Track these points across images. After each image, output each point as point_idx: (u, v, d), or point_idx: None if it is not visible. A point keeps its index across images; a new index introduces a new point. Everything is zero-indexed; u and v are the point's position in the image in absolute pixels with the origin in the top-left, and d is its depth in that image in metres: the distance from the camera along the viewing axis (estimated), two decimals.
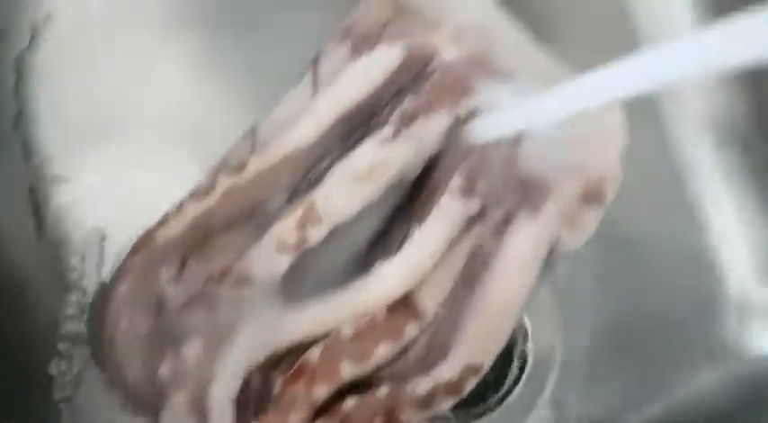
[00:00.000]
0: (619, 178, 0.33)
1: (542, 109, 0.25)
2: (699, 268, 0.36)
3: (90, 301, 0.29)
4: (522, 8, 0.33)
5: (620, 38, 0.39)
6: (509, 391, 0.34)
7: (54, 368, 0.29)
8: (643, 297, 0.36)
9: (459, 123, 0.30)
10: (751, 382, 0.34)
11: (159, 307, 0.27)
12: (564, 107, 0.25)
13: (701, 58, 0.18)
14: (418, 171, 0.31)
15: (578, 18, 0.38)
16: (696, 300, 0.36)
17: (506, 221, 0.31)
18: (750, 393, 0.34)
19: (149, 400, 0.27)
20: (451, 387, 0.30)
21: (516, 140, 0.31)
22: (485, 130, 0.29)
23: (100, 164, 0.32)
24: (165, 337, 0.27)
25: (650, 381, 0.35)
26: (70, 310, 0.29)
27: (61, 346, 0.29)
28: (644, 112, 0.38)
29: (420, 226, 0.29)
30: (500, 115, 0.28)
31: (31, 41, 0.30)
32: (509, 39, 0.32)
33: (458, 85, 0.30)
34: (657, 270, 0.37)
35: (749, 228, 0.36)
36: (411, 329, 0.30)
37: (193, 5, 0.33)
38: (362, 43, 0.30)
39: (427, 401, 0.30)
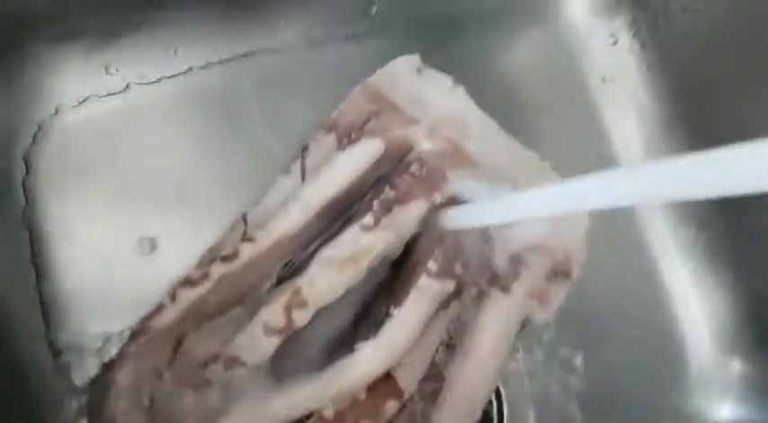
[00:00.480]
0: (583, 257, 0.36)
1: (511, 210, 0.27)
2: (662, 341, 0.38)
3: (93, 376, 0.30)
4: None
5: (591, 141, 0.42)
6: None
7: None
8: (609, 370, 0.38)
9: (434, 209, 0.32)
10: None
11: (156, 391, 0.28)
12: (531, 210, 0.27)
13: (674, 186, 0.18)
14: (399, 252, 0.33)
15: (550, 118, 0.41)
16: (660, 372, 0.38)
17: (480, 299, 0.33)
18: None
19: None
20: None
21: (488, 229, 0.33)
22: (457, 219, 0.31)
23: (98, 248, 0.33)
24: (162, 420, 0.28)
25: None
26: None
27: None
28: None
29: (400, 306, 0.31)
30: (471, 209, 0.30)
31: (36, 137, 0.32)
32: (479, 128, 0.34)
33: (432, 176, 0.32)
34: (622, 343, 0.39)
35: (706, 302, 0.38)
36: (391, 407, 0.31)
37: (193, 97, 0.35)
38: (346, 135, 0.33)
39: None
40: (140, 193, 0.33)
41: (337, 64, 0.37)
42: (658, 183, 0.19)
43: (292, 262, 0.32)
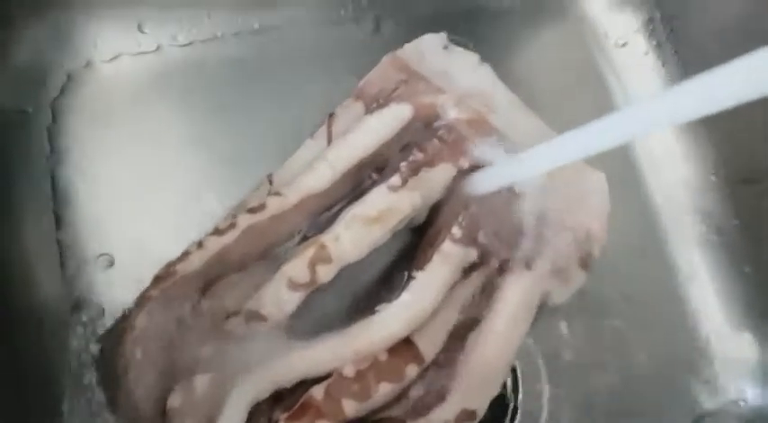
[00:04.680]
0: (604, 237, 0.36)
1: (532, 162, 0.28)
2: (678, 325, 0.38)
3: (107, 327, 0.29)
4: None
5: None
6: None
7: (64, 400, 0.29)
8: (625, 354, 0.38)
9: (461, 175, 0.32)
10: None
11: (175, 340, 0.28)
12: (551, 160, 0.27)
13: (669, 113, 0.21)
14: (424, 217, 0.33)
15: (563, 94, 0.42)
16: (677, 356, 0.38)
17: (501, 272, 0.33)
18: None
19: None
20: None
21: (512, 197, 0.34)
22: (482, 182, 0.31)
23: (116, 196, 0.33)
24: (177, 369, 0.27)
25: None
26: (79, 338, 0.30)
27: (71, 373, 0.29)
28: (626, 186, 0.41)
29: (423, 270, 0.31)
30: (495, 169, 0.31)
31: (65, 88, 0.32)
32: (504, 102, 0.35)
33: (459, 142, 0.32)
34: (639, 326, 0.38)
35: (720, 281, 0.39)
36: (411, 371, 0.31)
37: (223, 63, 0.35)
38: (375, 102, 0.33)
39: None
40: (164, 152, 0.33)
41: (360, 43, 0.38)
42: (661, 111, 0.21)
43: (319, 221, 0.32)
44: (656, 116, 0.22)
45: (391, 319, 0.30)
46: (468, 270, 0.33)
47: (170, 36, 0.35)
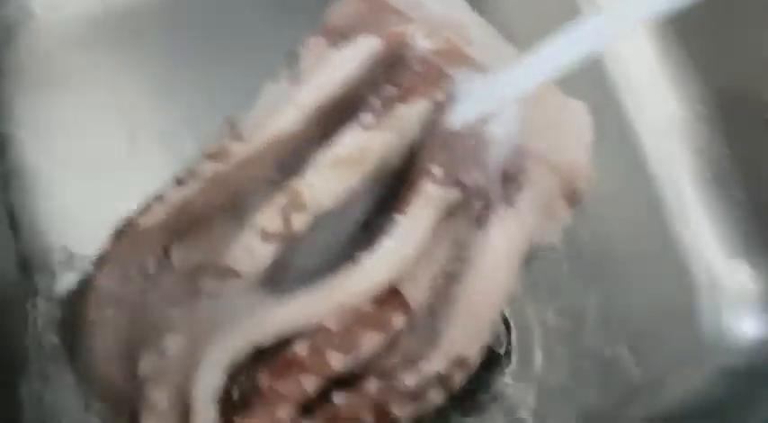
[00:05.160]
0: (588, 169, 0.34)
1: (512, 81, 0.26)
2: (669, 259, 0.37)
3: (68, 291, 0.27)
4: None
5: None
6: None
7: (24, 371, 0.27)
8: (618, 292, 0.37)
9: (438, 110, 0.30)
10: (740, 370, 0.34)
11: (140, 299, 0.26)
12: (532, 76, 0.26)
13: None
14: (402, 159, 0.31)
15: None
16: (671, 292, 0.37)
17: (485, 213, 0.32)
18: (740, 382, 0.34)
19: (126, 398, 0.25)
20: (441, 380, 0.30)
21: (492, 133, 0.32)
22: (461, 114, 0.29)
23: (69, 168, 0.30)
24: (145, 331, 0.25)
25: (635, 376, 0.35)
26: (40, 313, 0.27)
27: (31, 346, 0.27)
28: (607, 120, 0.40)
29: (404, 213, 0.29)
30: (474, 97, 0.29)
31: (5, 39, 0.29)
32: (479, 33, 0.33)
33: (434, 74, 0.30)
34: (629, 265, 0.37)
35: (711, 211, 0.37)
36: (398, 321, 0.29)
37: (181, 7, 0.32)
38: (340, 36, 0.31)
39: (417, 395, 0.29)
40: (116, 103, 0.30)
41: None
42: None
43: (289, 167, 0.30)
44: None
45: (373, 268, 0.28)
46: (452, 211, 0.31)
47: None
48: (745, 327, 0.35)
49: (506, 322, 0.35)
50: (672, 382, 0.35)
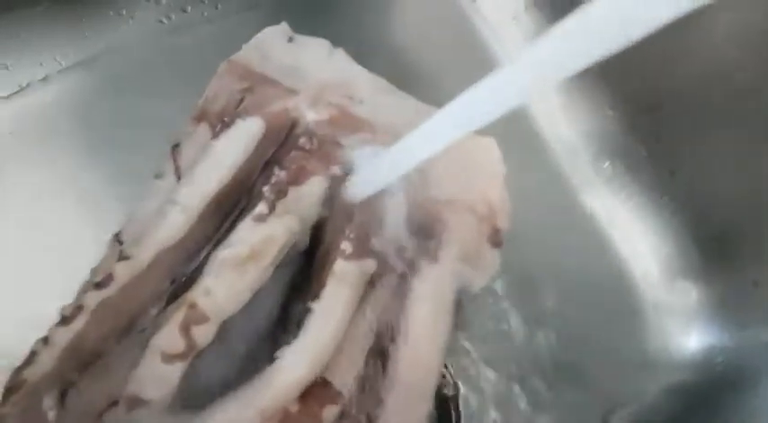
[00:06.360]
0: (506, 205, 0.33)
1: (410, 152, 0.24)
2: (610, 282, 0.36)
3: None
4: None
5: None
6: None
7: None
8: (564, 322, 0.36)
9: (336, 184, 0.28)
10: (691, 385, 0.34)
11: None
12: (433, 143, 0.24)
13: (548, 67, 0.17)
14: (306, 241, 0.29)
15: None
16: (616, 315, 0.36)
17: (408, 273, 0.30)
18: (693, 396, 0.34)
19: None
20: None
21: (397, 192, 0.30)
22: (362, 186, 0.28)
23: None
24: None
25: (592, 403, 0.35)
26: None
27: None
28: (521, 144, 0.38)
29: (319, 299, 0.27)
30: (373, 168, 0.27)
31: None
32: (369, 89, 0.31)
33: (325, 148, 0.29)
34: (571, 292, 0.36)
35: (647, 233, 0.37)
36: (331, 413, 0.27)
37: (48, 121, 0.30)
38: (219, 121, 0.29)
39: None
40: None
41: (197, 48, 0.33)
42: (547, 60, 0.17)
43: (182, 276, 0.28)
44: (548, 66, 0.18)
45: (293, 364, 0.26)
46: (371, 284, 0.29)
47: None
48: (690, 342, 0.34)
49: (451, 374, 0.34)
50: (625, 401, 0.35)
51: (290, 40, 0.31)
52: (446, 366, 0.34)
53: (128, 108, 0.32)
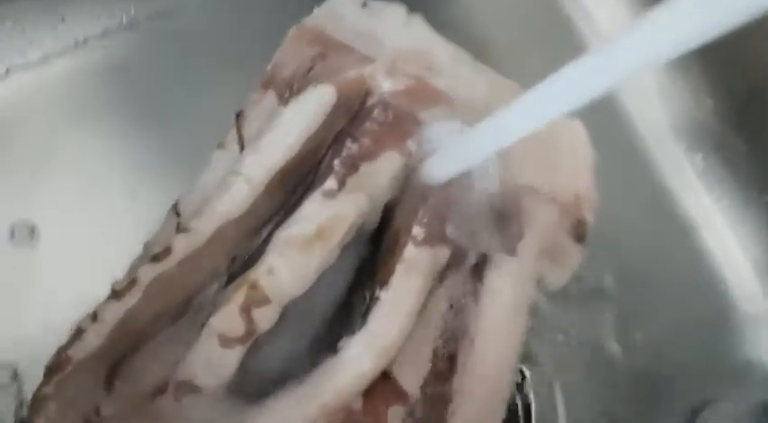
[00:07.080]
0: (593, 198, 0.30)
1: (502, 131, 0.22)
2: (701, 288, 0.33)
3: None
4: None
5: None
6: None
7: None
8: (654, 326, 0.33)
9: (412, 161, 0.26)
10: None
11: None
12: (519, 126, 0.21)
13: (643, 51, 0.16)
14: (376, 222, 0.26)
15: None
16: (708, 322, 0.32)
17: (482, 266, 0.27)
18: None
19: None
20: None
21: (478, 175, 0.27)
22: (443, 166, 0.25)
23: None
24: None
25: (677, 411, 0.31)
26: None
27: None
28: (609, 132, 0.35)
29: (387, 287, 0.25)
30: (457, 147, 0.24)
31: None
32: (448, 60, 0.28)
33: (401, 121, 0.26)
34: (663, 297, 0.33)
35: (736, 229, 0.33)
36: (396, 413, 0.25)
37: (102, 93, 0.29)
38: (288, 88, 0.27)
39: None
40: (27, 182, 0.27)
41: (265, 10, 0.31)
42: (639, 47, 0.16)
43: (244, 253, 0.25)
44: (645, 50, 0.16)
45: (358, 357, 0.24)
46: (443, 273, 0.27)
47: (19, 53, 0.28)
48: None
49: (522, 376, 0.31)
50: (711, 415, 0.31)
51: (364, 4, 0.29)
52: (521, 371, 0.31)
53: (188, 73, 0.30)
